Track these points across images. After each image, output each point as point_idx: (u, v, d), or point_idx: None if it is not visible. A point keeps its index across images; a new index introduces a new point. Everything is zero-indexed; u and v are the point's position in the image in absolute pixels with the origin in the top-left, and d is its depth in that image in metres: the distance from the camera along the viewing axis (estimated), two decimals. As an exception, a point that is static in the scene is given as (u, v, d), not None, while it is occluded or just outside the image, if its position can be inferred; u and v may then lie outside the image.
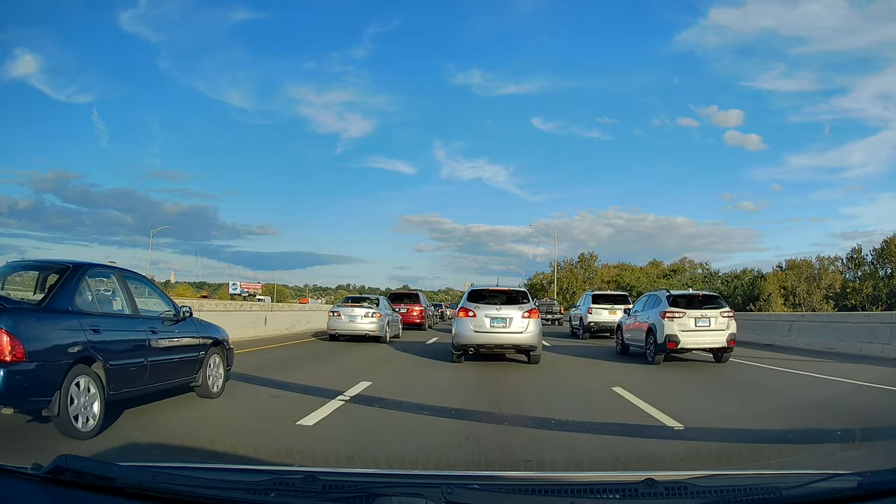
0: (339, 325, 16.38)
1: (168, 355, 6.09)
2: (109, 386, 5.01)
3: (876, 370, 10.42)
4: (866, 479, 1.67)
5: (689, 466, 4.06)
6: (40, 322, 4.62)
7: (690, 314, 11.66)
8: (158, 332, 5.95)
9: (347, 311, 16.61)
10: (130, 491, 1.73)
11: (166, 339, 6.06)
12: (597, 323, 19.73)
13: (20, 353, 4.26)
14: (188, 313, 6.52)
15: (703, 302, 12.21)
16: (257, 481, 1.81)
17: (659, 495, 1.67)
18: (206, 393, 6.72)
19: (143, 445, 4.62)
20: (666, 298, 12.29)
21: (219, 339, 7.12)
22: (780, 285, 67.88)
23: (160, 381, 5.98)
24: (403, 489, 1.74)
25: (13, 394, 4.26)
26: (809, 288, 67.48)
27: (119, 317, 5.57)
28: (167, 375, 6.10)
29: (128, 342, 5.52)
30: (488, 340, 10.75)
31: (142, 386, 5.65)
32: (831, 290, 66.54)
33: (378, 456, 4.33)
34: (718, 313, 11.72)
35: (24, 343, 4.29)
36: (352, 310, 16.56)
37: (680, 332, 11.47)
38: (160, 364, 5.90)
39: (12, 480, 1.77)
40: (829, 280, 67.49)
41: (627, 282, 68.12)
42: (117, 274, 5.88)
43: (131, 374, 5.42)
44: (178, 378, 6.34)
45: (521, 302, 11.13)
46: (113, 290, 5.78)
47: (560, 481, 2.08)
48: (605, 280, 71.28)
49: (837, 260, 68.78)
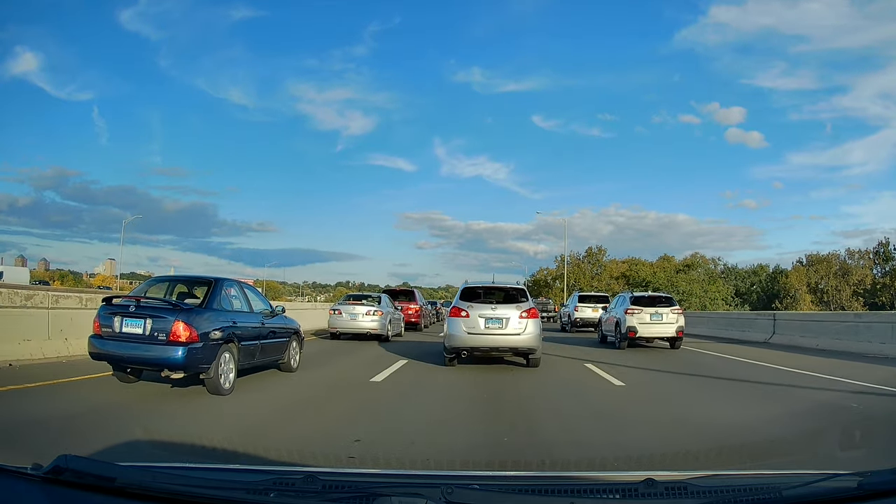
0: (341, 324, 17.02)
1: (270, 339, 8.79)
2: (240, 359, 7.74)
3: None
4: (866, 479, 1.75)
5: (689, 466, 4.21)
6: (203, 316, 7.19)
7: (647, 311, 15.91)
8: (265, 323, 8.66)
9: (349, 308, 17.21)
10: (130, 491, 1.78)
11: (269, 328, 8.76)
12: (582, 319, 24.88)
13: (194, 337, 6.86)
14: (281, 311, 9.45)
15: (658, 301, 16.49)
16: (257, 481, 1.89)
17: (659, 495, 1.75)
18: (289, 368, 9.53)
19: (143, 445, 4.80)
20: (629, 299, 16.64)
21: (296, 329, 9.91)
22: (806, 282, 67.39)
23: (265, 357, 8.75)
24: (403, 489, 1.82)
25: (189, 363, 6.82)
26: (838, 284, 67.01)
27: (244, 313, 8.22)
28: (269, 354, 8.84)
29: (250, 329, 8.15)
30: (482, 343, 10.44)
31: (256, 360, 8.37)
32: (860, 286, 66.08)
33: (378, 456, 4.50)
34: (670, 310, 16.03)
35: (196, 330, 6.89)
36: (353, 308, 17.16)
37: (638, 324, 15.76)
38: (266, 346, 8.64)
39: (12, 480, 1.83)
40: (859, 275, 66.97)
41: (643, 277, 67.87)
42: (237, 284, 8.65)
43: (251, 352, 8.16)
44: (275, 356, 9.13)
45: (518, 301, 10.78)
46: (238, 294, 8.34)
47: (560, 481, 2.18)
48: (614, 276, 70.99)
49: (868, 254, 68.28)
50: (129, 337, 6.95)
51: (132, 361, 7.12)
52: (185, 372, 7.02)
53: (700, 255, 73.90)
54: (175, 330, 6.79)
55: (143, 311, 7.02)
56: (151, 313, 6.95)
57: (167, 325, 6.81)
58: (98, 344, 7.07)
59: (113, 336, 7.01)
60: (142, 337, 6.87)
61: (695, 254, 73.97)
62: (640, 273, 69.46)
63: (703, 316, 31.01)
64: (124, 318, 7.01)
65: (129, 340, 6.94)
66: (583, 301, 25.91)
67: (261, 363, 8.66)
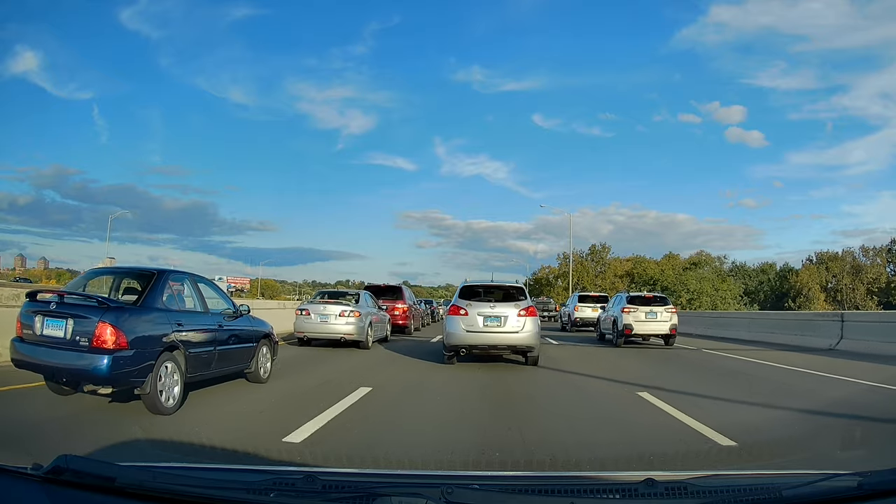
0: (309, 327, 14.34)
1: (230, 345, 7.49)
2: (188, 370, 6.43)
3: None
4: (866, 479, 1.78)
5: (689, 466, 4.27)
6: (137, 318, 5.96)
7: (642, 309, 16.98)
8: (223, 326, 7.38)
9: (319, 308, 14.47)
10: (130, 491, 1.82)
11: (229, 332, 7.47)
12: (581, 318, 25.68)
13: (123, 342, 5.60)
14: (246, 310, 8.08)
15: (653, 301, 17.54)
16: (257, 481, 1.93)
17: (659, 495, 1.78)
18: (257, 378, 8.19)
19: (143, 445, 4.85)
20: (626, 298, 17.90)
21: (267, 333, 8.60)
22: (818, 282, 67.15)
23: (224, 367, 7.45)
24: (403, 489, 1.86)
25: (116, 376, 5.56)
26: (853, 282, 66.78)
27: (194, 313, 6.98)
28: (230, 362, 7.56)
29: (201, 334, 6.90)
30: (481, 341, 10.73)
31: (211, 371, 7.13)
32: (875, 284, 65.82)
33: (378, 456, 4.55)
34: (664, 309, 17.11)
35: (125, 334, 5.63)
36: (324, 307, 14.45)
37: (634, 321, 16.78)
38: (225, 352, 7.33)
39: (12, 480, 1.87)
40: (874, 273, 66.72)
41: (651, 275, 67.73)
42: (190, 278, 7.30)
43: (204, 361, 6.87)
44: (238, 364, 7.80)
45: (517, 299, 11.07)
46: (189, 291, 7.15)
47: (560, 481, 2.22)
48: (618, 274, 71.00)
49: (882, 252, 67.99)
50: (50, 341, 5.72)
51: (54, 372, 5.86)
52: (113, 386, 5.74)
53: (705, 253, 73.98)
54: (99, 333, 5.52)
55: (64, 309, 5.76)
56: (74, 312, 5.72)
57: (91, 328, 5.58)
58: (20, 348, 5.91)
59: (34, 339, 5.83)
60: (63, 341, 5.65)
61: (700, 252, 74.04)
62: (648, 271, 69.41)
63: (742, 317, 27.87)
64: (45, 317, 5.78)
65: (50, 345, 5.71)
66: (582, 301, 26.74)
67: (219, 373, 7.44)
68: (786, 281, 70.66)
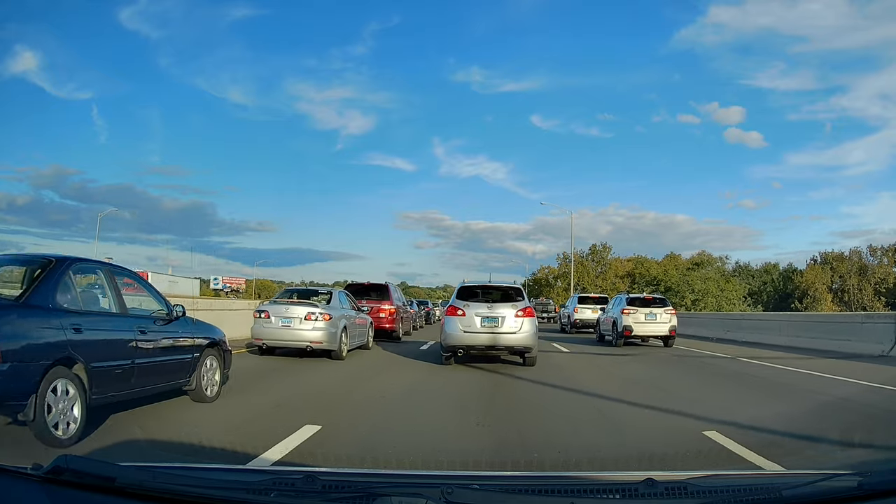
0: (268, 333, 11.93)
1: (158, 357, 6.14)
2: (92, 389, 5.05)
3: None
4: (866, 480, 1.80)
5: (689, 466, 4.27)
6: (17, 320, 4.63)
7: (641, 311, 17.20)
8: (148, 331, 6.01)
9: (280, 310, 11.99)
10: (130, 491, 1.83)
11: (156, 340, 6.13)
12: (581, 320, 25.72)
13: None
14: (181, 312, 6.60)
15: (652, 302, 17.73)
16: (257, 481, 1.95)
17: (659, 495, 1.80)
18: (200, 397, 6.81)
19: (142, 445, 4.88)
20: (625, 300, 18.13)
21: (215, 340, 7.23)
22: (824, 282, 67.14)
23: (149, 384, 6.05)
24: (403, 489, 1.87)
25: None
26: (860, 283, 66.74)
27: (105, 315, 5.64)
28: (157, 378, 6.17)
29: (113, 342, 5.54)
30: (479, 341, 10.79)
31: (129, 389, 5.71)
32: (882, 285, 65.76)
33: (378, 456, 4.57)
34: (663, 311, 17.33)
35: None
36: (287, 309, 11.98)
37: (633, 323, 17.05)
38: (149, 366, 5.94)
39: (12, 480, 1.88)
40: (881, 274, 66.66)
41: (654, 275, 67.69)
42: (105, 270, 5.95)
43: (116, 377, 5.45)
44: (170, 381, 6.43)
45: (514, 299, 11.16)
46: (100, 286, 5.84)
47: (560, 481, 2.24)
48: (619, 275, 71.01)
49: (889, 251, 67.92)
50: None
51: None
52: None
53: (707, 253, 74.05)
54: None
55: None
56: None
57: None
58: None
59: None
60: None
61: (701, 252, 74.07)
62: (650, 271, 69.41)
63: (771, 319, 24.76)
64: None
65: None
66: (582, 303, 26.96)
67: (144, 392, 6.01)
68: (790, 281, 70.65)
